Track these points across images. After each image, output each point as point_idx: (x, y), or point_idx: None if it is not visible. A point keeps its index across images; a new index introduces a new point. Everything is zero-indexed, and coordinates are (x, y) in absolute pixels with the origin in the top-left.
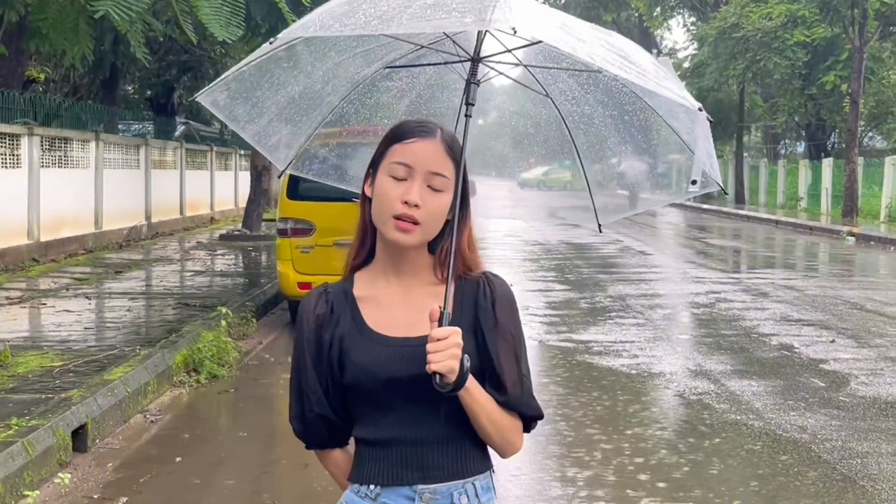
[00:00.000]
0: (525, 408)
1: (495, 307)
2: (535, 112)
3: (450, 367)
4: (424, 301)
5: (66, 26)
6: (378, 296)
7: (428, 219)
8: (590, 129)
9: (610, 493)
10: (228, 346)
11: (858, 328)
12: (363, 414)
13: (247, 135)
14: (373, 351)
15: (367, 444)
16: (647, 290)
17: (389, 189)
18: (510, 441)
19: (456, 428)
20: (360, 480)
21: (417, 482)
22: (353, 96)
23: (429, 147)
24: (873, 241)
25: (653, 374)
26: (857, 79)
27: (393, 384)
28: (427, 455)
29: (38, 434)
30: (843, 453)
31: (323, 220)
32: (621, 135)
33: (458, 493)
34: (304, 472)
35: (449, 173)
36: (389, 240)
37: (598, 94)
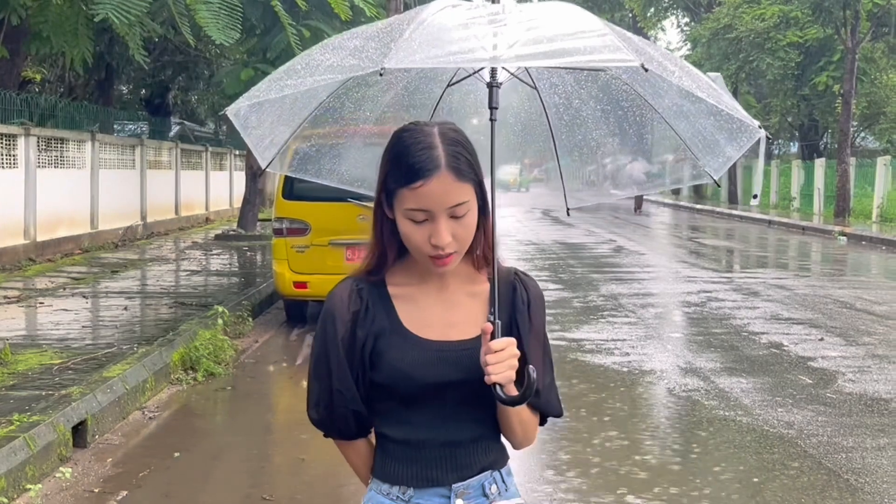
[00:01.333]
0: (551, 408)
1: (530, 309)
2: (517, 104)
3: (509, 378)
4: (462, 301)
5: (66, 29)
6: (414, 294)
7: (462, 245)
8: (575, 120)
9: (595, 485)
10: (225, 344)
11: (847, 326)
12: (392, 411)
13: (250, 140)
14: (410, 354)
15: (397, 443)
16: (639, 290)
17: (414, 233)
18: (530, 437)
19: (487, 428)
20: (389, 481)
21: (453, 481)
22: (341, 91)
23: (438, 187)
24: (865, 240)
25: (643, 372)
26: (850, 79)
27: (429, 388)
28: (460, 455)
29: (39, 430)
30: (828, 448)
31: (318, 219)
32: (611, 128)
33: (488, 483)
34: (299, 466)
35: (467, 195)
36: (431, 270)
37: (593, 89)
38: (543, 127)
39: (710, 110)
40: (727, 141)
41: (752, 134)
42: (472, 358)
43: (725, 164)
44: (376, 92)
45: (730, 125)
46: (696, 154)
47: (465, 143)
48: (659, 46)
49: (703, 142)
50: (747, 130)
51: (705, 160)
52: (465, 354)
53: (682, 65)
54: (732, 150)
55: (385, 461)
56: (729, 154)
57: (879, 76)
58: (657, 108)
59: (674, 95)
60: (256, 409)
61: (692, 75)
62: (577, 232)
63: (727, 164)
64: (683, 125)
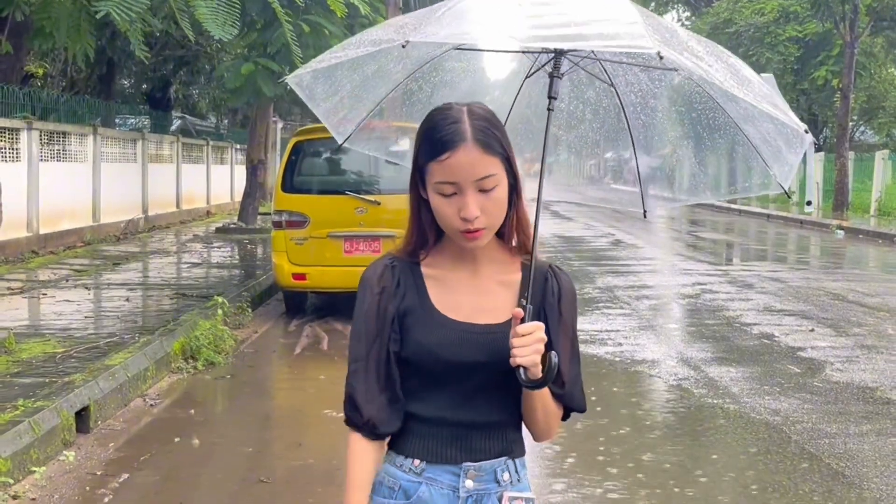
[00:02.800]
0: (575, 402)
1: (561, 302)
2: (595, 100)
3: (533, 361)
4: (493, 288)
5: (69, 25)
6: (446, 276)
7: (492, 220)
8: (651, 120)
9: (582, 468)
10: (225, 334)
11: (838, 318)
12: (416, 388)
13: (319, 111)
14: (436, 332)
15: (416, 419)
16: (635, 282)
17: (444, 207)
18: (551, 429)
19: (505, 415)
20: (405, 453)
21: (465, 461)
22: (419, 74)
23: (464, 158)
24: (862, 234)
25: (635, 361)
26: (848, 74)
27: (452, 367)
28: (475, 438)
29: (43, 415)
30: (812, 434)
31: (317, 212)
32: (685, 129)
33: (500, 470)
34: (296, 451)
35: (495, 169)
36: (462, 245)
37: (667, 89)
38: (622, 125)
39: (769, 114)
40: (787, 147)
41: (803, 139)
42: (497, 342)
43: (790, 172)
44: (454, 78)
45: (786, 129)
46: (766, 160)
47: (492, 119)
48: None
49: (770, 148)
50: (798, 136)
51: (774, 168)
52: (491, 338)
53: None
54: (793, 157)
55: (403, 435)
56: (791, 161)
57: (879, 70)
58: (728, 111)
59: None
60: (255, 396)
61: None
62: (576, 225)
63: (792, 173)
64: (751, 129)
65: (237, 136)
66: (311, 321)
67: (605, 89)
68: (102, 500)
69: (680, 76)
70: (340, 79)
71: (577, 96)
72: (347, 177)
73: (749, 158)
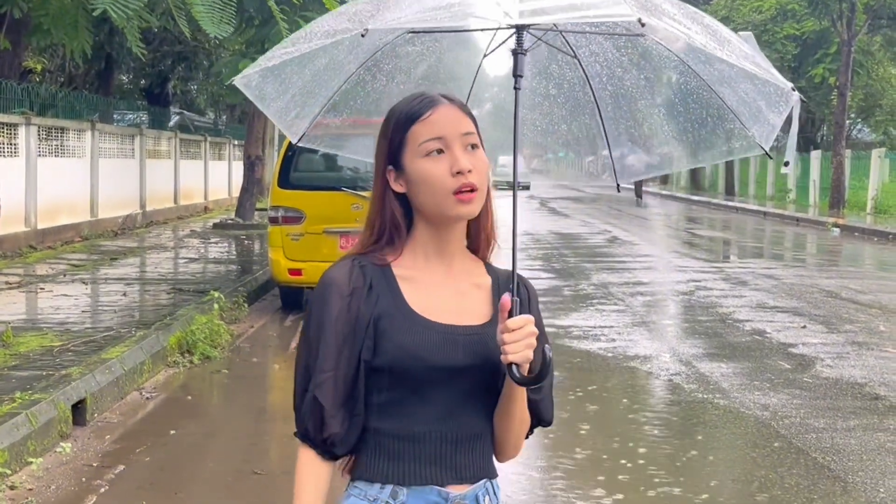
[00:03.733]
0: (546, 411)
1: (530, 304)
2: (558, 74)
3: (527, 357)
4: (468, 289)
5: (66, 22)
6: (419, 277)
7: (481, 179)
8: (619, 90)
9: (573, 460)
10: (221, 329)
11: (830, 315)
12: (392, 402)
13: (270, 112)
14: (418, 334)
15: (392, 437)
16: (629, 279)
17: (432, 169)
18: (520, 444)
19: (486, 425)
20: (378, 480)
21: (450, 482)
22: (371, 63)
23: (448, 112)
24: (858, 232)
25: (627, 357)
26: (845, 72)
27: (437, 372)
28: (459, 453)
29: (40, 407)
30: (800, 429)
31: (313, 208)
32: (654, 97)
33: (482, 494)
34: (290, 443)
35: (474, 129)
36: (454, 216)
37: (634, 56)
38: (588, 98)
39: (747, 74)
40: (768, 107)
41: (788, 97)
42: (481, 343)
43: (771, 132)
44: (408, 64)
45: (767, 88)
46: (745, 123)
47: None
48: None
49: (748, 109)
50: (783, 94)
51: (754, 129)
52: (475, 339)
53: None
54: (775, 117)
55: (373, 460)
56: (773, 121)
57: (876, 69)
58: (701, 74)
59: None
60: (250, 390)
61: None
62: (573, 222)
63: (773, 133)
64: (727, 91)
65: (235, 131)
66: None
67: (569, 62)
68: (98, 491)
69: (646, 41)
70: (290, 75)
71: (540, 72)
72: (343, 173)
73: (726, 121)
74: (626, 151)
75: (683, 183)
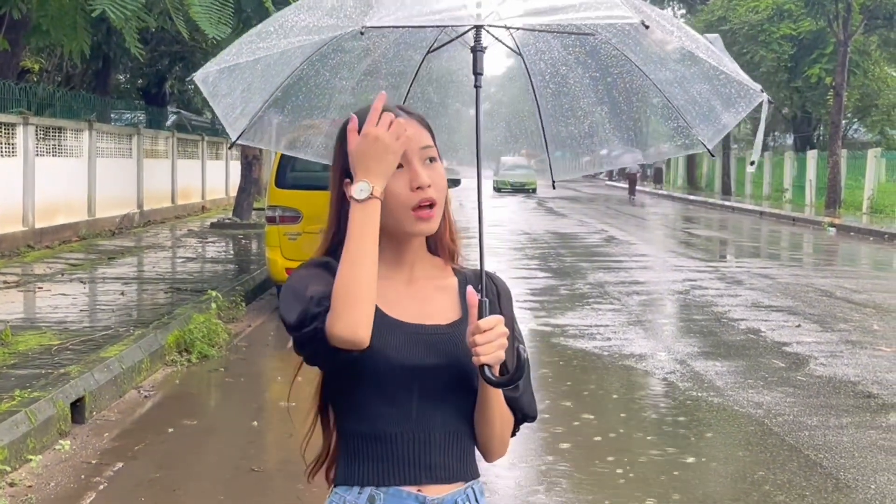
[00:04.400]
0: (528, 406)
1: (500, 301)
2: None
3: (498, 358)
4: (432, 294)
5: (65, 23)
6: (381, 284)
7: (440, 195)
8: (562, 88)
9: (568, 458)
10: (219, 328)
11: (825, 314)
12: (361, 404)
13: (219, 110)
14: (385, 334)
15: (364, 439)
16: (626, 278)
17: (392, 184)
18: (506, 442)
19: (462, 425)
20: (356, 483)
21: (425, 481)
22: (316, 57)
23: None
24: (853, 231)
25: (623, 356)
26: (841, 72)
27: (405, 372)
28: (434, 453)
29: (39, 405)
30: (793, 426)
31: (310, 208)
32: (599, 96)
33: (462, 500)
34: (287, 441)
35: (432, 142)
36: (413, 233)
37: (581, 55)
38: (529, 96)
39: (707, 74)
40: (724, 107)
41: (752, 98)
42: (449, 343)
43: (721, 131)
44: (353, 59)
45: (728, 90)
46: (690, 122)
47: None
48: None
49: (698, 109)
50: (747, 95)
51: (699, 129)
52: (442, 339)
53: (680, 25)
54: (729, 117)
55: (349, 463)
56: (725, 121)
57: (872, 69)
58: (648, 73)
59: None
60: (248, 389)
61: (691, 36)
62: (570, 222)
63: (723, 132)
64: (677, 91)
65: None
66: None
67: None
68: (97, 489)
69: (595, 40)
70: (243, 70)
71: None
72: None
73: (670, 119)
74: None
75: (680, 182)
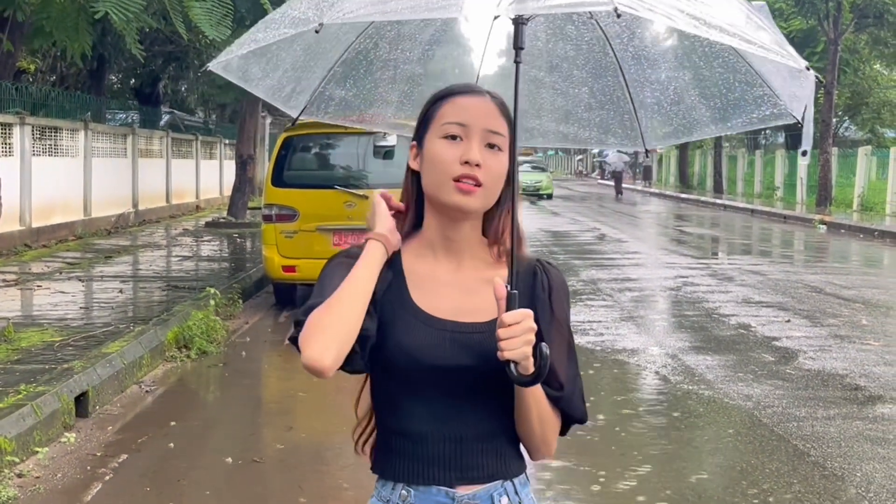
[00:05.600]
0: (574, 408)
1: (552, 298)
2: (576, 35)
3: (524, 354)
4: (476, 285)
5: (68, 24)
6: (425, 272)
7: (489, 180)
8: (641, 51)
9: (560, 449)
10: (217, 324)
11: (814, 309)
12: (392, 399)
13: (260, 91)
14: (417, 331)
15: (400, 436)
16: (618, 275)
17: (444, 151)
18: (549, 442)
19: (498, 425)
20: (391, 478)
21: (456, 483)
22: (371, 30)
23: (481, 103)
24: (844, 229)
25: (615, 350)
26: (832, 71)
27: (436, 372)
28: (466, 454)
29: (44, 399)
30: (781, 417)
31: (306, 206)
32: (679, 60)
33: (497, 494)
34: (287, 434)
35: (504, 132)
36: (450, 204)
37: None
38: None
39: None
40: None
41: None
42: (485, 343)
43: (800, 103)
44: (412, 30)
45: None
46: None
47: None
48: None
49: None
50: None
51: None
52: (478, 338)
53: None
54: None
55: (386, 456)
56: (798, 94)
57: (862, 67)
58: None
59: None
60: (247, 384)
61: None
62: (562, 220)
63: (801, 104)
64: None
65: (226, 131)
66: None
67: (586, 22)
68: (103, 479)
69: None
70: (277, 52)
71: (556, 32)
72: (336, 171)
73: (755, 87)
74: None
75: (672, 181)
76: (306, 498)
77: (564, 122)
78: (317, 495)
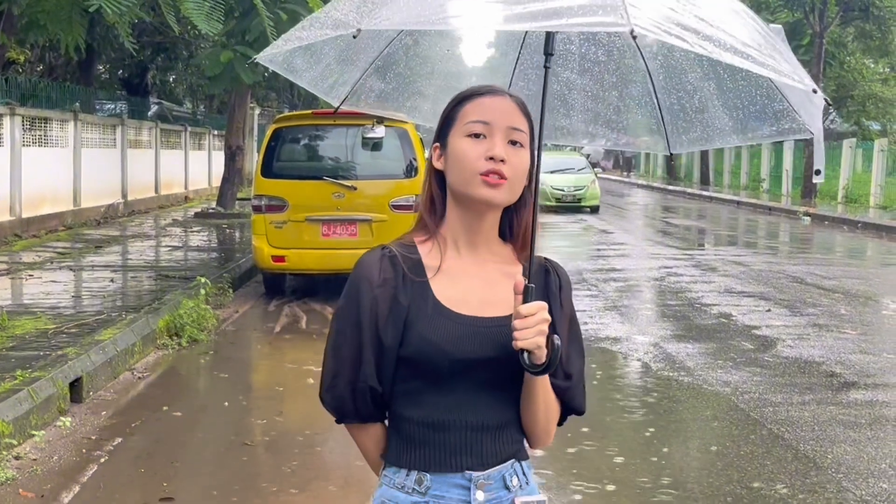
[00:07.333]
0: (578, 399)
1: (562, 294)
2: (607, 41)
3: (537, 344)
4: (498, 279)
5: (61, 17)
6: (448, 268)
7: (513, 175)
8: (668, 61)
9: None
10: (207, 313)
11: (794, 299)
12: (417, 391)
13: (303, 82)
14: (443, 327)
15: (419, 425)
16: (603, 266)
17: (469, 148)
18: (550, 431)
19: (513, 414)
20: (406, 466)
21: (473, 468)
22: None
23: (503, 102)
24: (828, 221)
25: (598, 339)
26: (817, 63)
27: (461, 364)
28: (486, 441)
29: (40, 384)
30: (758, 403)
31: (295, 197)
32: (705, 70)
33: (509, 475)
34: (277, 418)
35: (526, 129)
36: (478, 198)
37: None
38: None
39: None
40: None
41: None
42: (506, 336)
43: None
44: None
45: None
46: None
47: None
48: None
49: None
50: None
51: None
52: (500, 331)
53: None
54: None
55: (401, 445)
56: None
57: (848, 60)
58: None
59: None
60: (237, 370)
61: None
62: (549, 213)
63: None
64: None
65: (214, 121)
66: (290, 301)
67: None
68: (99, 461)
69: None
70: (321, 47)
71: (589, 38)
72: (325, 163)
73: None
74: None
75: (659, 172)
76: (296, 479)
77: (593, 123)
78: (306, 476)
